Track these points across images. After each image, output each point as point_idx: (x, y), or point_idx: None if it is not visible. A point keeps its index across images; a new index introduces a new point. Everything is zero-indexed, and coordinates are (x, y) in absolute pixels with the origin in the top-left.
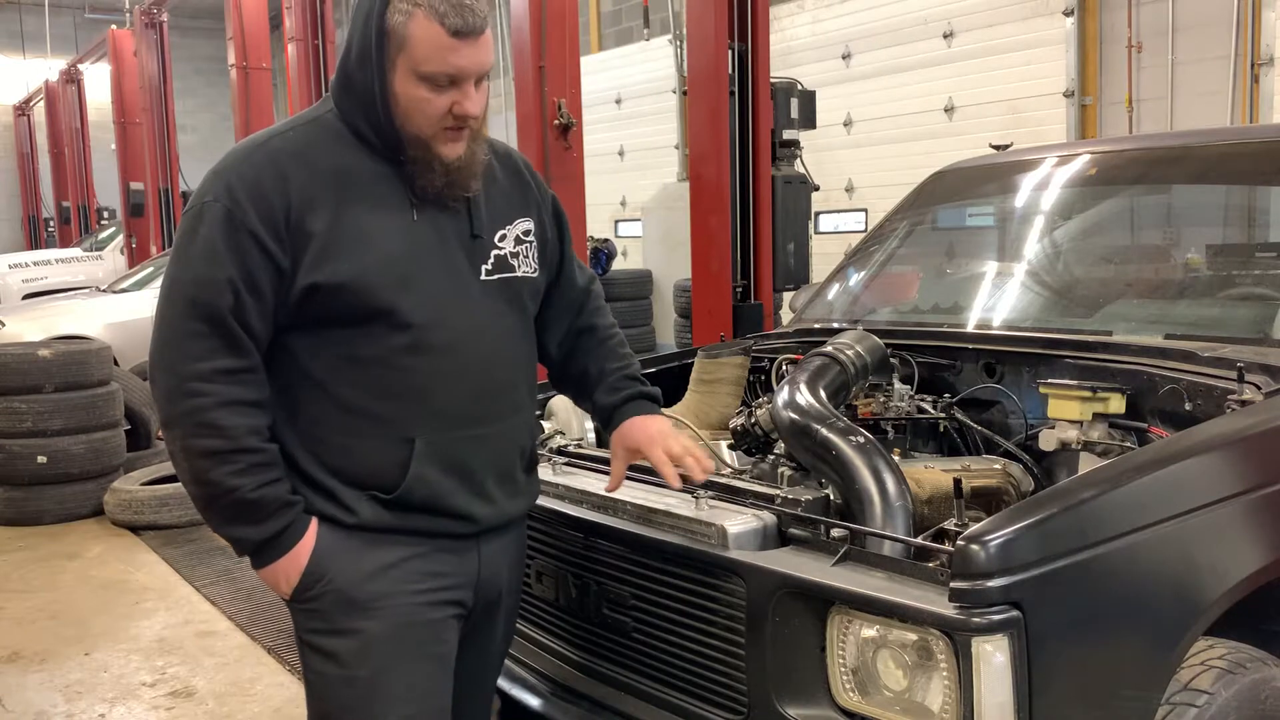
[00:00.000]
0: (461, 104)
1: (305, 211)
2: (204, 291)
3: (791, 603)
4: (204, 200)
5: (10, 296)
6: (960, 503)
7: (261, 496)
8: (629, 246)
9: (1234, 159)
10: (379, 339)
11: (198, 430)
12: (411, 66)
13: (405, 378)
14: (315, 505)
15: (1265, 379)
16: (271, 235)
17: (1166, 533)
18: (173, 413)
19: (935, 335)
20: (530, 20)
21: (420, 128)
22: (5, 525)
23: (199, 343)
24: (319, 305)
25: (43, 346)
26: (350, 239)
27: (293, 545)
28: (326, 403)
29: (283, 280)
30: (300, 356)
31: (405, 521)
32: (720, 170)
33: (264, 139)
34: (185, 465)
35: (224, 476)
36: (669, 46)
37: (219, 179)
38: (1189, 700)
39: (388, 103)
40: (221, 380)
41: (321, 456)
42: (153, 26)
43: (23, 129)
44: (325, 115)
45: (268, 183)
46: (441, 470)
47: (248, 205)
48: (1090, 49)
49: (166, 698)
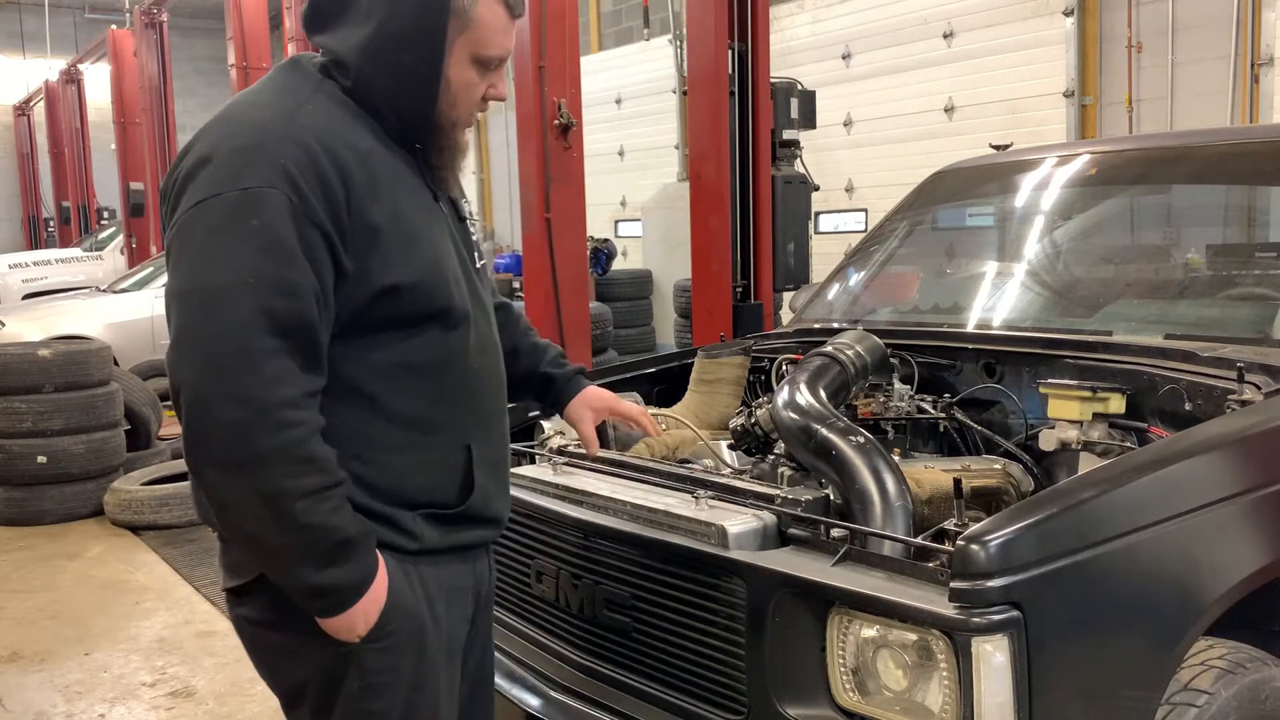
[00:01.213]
0: (497, 86)
1: (366, 203)
2: (281, 298)
3: (791, 603)
4: (246, 186)
5: (10, 296)
6: (960, 503)
7: (359, 532)
8: (629, 246)
9: (1234, 159)
10: (436, 341)
11: (297, 467)
12: (473, 50)
13: (460, 380)
14: (374, 532)
15: (1265, 379)
16: (336, 231)
17: (1166, 533)
18: (255, 452)
19: (935, 335)
20: (530, 20)
21: (462, 113)
22: (5, 525)
23: (281, 361)
24: (387, 308)
25: (43, 346)
26: (410, 232)
27: (375, 577)
28: (375, 417)
29: (343, 283)
30: (342, 368)
31: (460, 537)
32: (720, 170)
33: (287, 110)
34: (268, 514)
35: (327, 516)
36: (669, 46)
37: (258, 160)
38: (1189, 700)
39: (437, 88)
40: (308, 405)
41: (368, 478)
42: (153, 26)
43: (23, 129)
44: (325, 84)
45: (325, 168)
46: (488, 474)
47: (312, 195)
48: (1090, 49)
49: (166, 698)
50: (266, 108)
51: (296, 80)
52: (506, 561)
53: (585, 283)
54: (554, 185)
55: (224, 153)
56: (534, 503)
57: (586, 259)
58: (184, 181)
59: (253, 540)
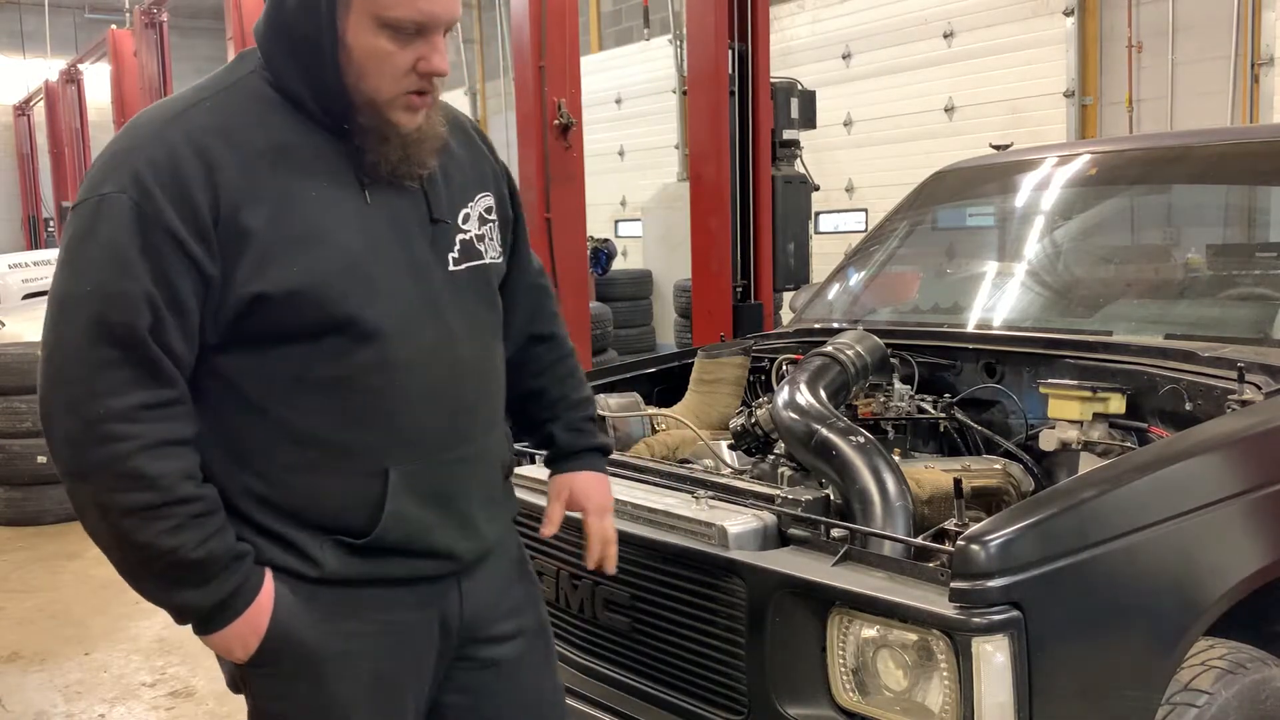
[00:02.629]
0: (429, 59)
1: (239, 205)
2: (113, 309)
3: (791, 603)
4: (101, 192)
5: (10, 296)
6: (960, 503)
7: (209, 554)
8: (629, 246)
9: (1234, 159)
10: (337, 356)
11: (119, 483)
12: (373, 11)
13: (372, 400)
14: (268, 556)
15: (1265, 379)
16: (195, 236)
17: (1166, 533)
18: (82, 464)
19: (935, 335)
20: (530, 20)
21: (378, 89)
22: (5, 525)
23: (110, 374)
24: (264, 319)
25: None
26: (299, 235)
27: (248, 604)
28: (274, 433)
29: (210, 291)
30: (237, 381)
31: (378, 569)
32: (720, 170)
33: (175, 111)
34: (104, 527)
35: (158, 536)
36: (669, 46)
37: (120, 164)
38: (1189, 700)
39: (337, 58)
40: (144, 419)
41: (271, 498)
42: (153, 26)
43: (23, 129)
44: (248, 77)
45: (188, 169)
46: (420, 504)
47: (162, 198)
48: (1090, 49)
49: (166, 698)
50: (161, 107)
51: (224, 73)
52: None
53: (585, 283)
54: (554, 185)
55: (103, 156)
56: (534, 503)
57: (586, 259)
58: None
59: (103, 549)
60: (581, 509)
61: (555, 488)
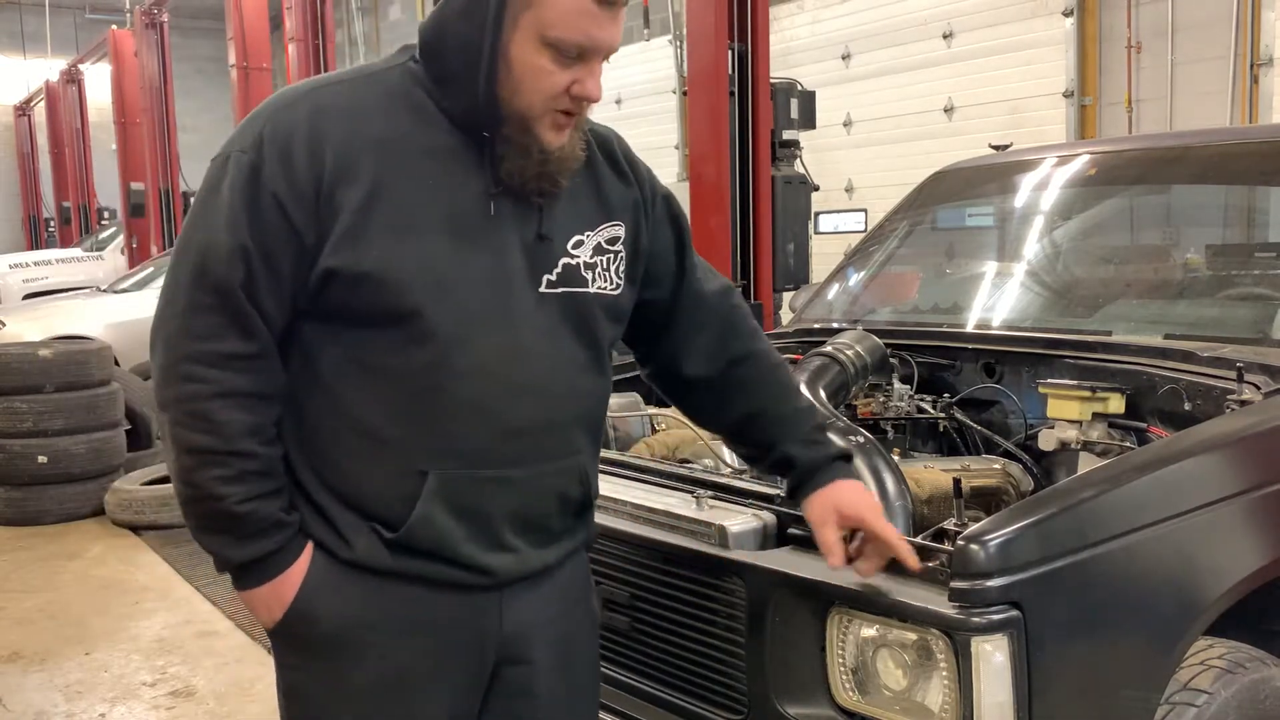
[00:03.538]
0: (584, 83)
1: (337, 181)
2: (213, 258)
3: (791, 602)
4: (232, 150)
5: (10, 296)
6: (960, 503)
7: (251, 511)
8: None
9: (1234, 159)
10: (395, 349)
11: (189, 420)
12: (539, 29)
13: (422, 400)
14: (311, 529)
15: (1265, 379)
16: (296, 202)
17: (1166, 532)
18: (165, 395)
19: (935, 335)
20: None
21: (530, 104)
22: (5, 525)
23: (203, 318)
24: (333, 296)
25: (43, 346)
26: (386, 224)
27: (279, 573)
28: (333, 413)
29: (303, 258)
30: (313, 354)
31: (407, 565)
32: (720, 170)
33: (312, 87)
34: (170, 456)
35: (209, 480)
36: (669, 46)
37: (252, 126)
38: (1189, 700)
39: (495, 68)
40: (224, 366)
41: (323, 473)
42: (153, 26)
43: (23, 129)
44: (394, 69)
45: (298, 140)
46: (451, 513)
47: (275, 162)
48: (1090, 49)
49: (167, 698)
50: (310, 81)
51: (377, 63)
52: None
53: None
54: None
55: (248, 117)
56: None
57: None
58: None
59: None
60: (860, 522)
61: (818, 511)
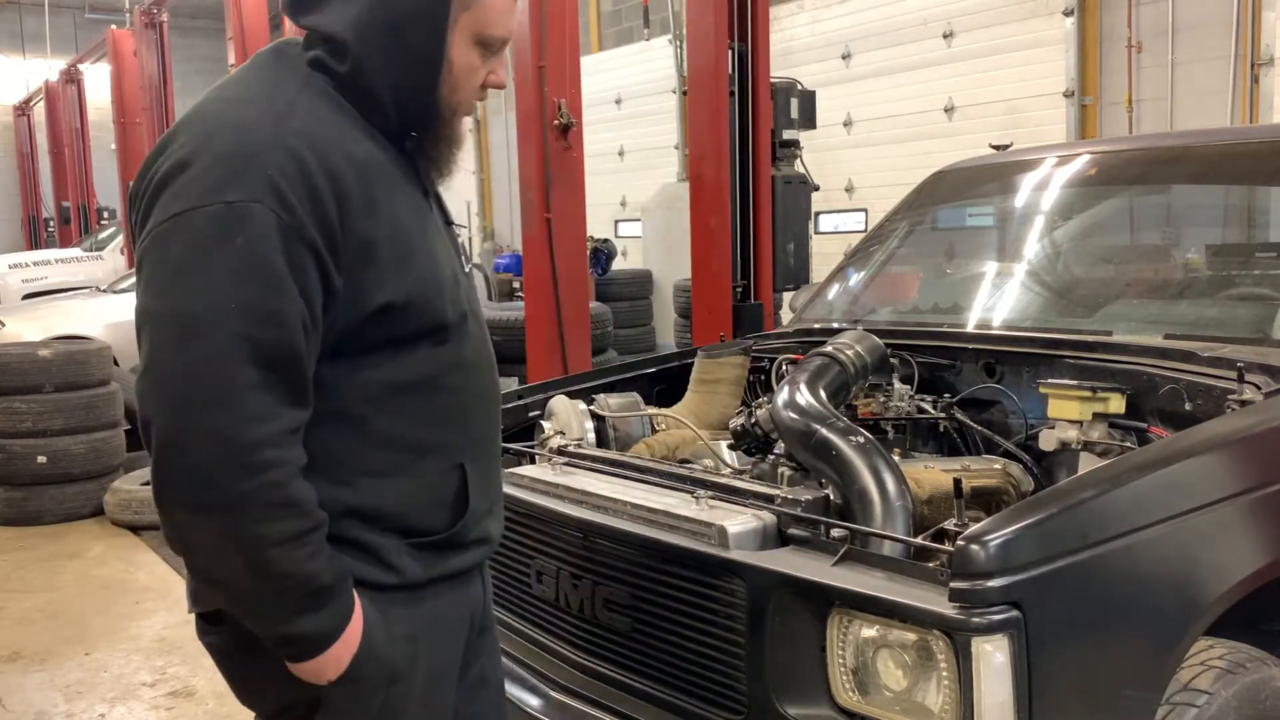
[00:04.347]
0: (497, 73)
1: (360, 215)
2: (265, 328)
3: (791, 603)
4: (226, 200)
5: (10, 296)
6: (960, 503)
7: (335, 577)
8: (629, 246)
9: (1234, 159)
10: (427, 358)
11: (275, 511)
12: (476, 29)
13: (453, 399)
14: (352, 570)
15: (1265, 379)
16: (328, 248)
17: (1166, 533)
18: (229, 495)
19: (935, 335)
20: (530, 20)
21: (463, 100)
22: (5, 525)
23: (261, 396)
24: (381, 328)
25: (43, 346)
26: (407, 244)
27: (350, 622)
28: (361, 441)
29: (332, 303)
30: (331, 388)
31: (447, 565)
32: (720, 170)
33: (273, 115)
34: (240, 560)
35: (301, 564)
36: (669, 46)
37: (243, 171)
38: (1189, 700)
39: (439, 70)
40: (290, 443)
41: (356, 507)
42: (153, 26)
43: (23, 129)
44: (314, 79)
45: (318, 180)
46: (481, 496)
47: (302, 210)
48: (1090, 49)
49: (166, 698)
50: (252, 107)
51: (282, 73)
52: (507, 561)
53: (585, 283)
54: (554, 185)
55: (206, 159)
56: (534, 502)
57: (586, 259)
58: (159, 188)
59: (221, 585)
60: None
61: None
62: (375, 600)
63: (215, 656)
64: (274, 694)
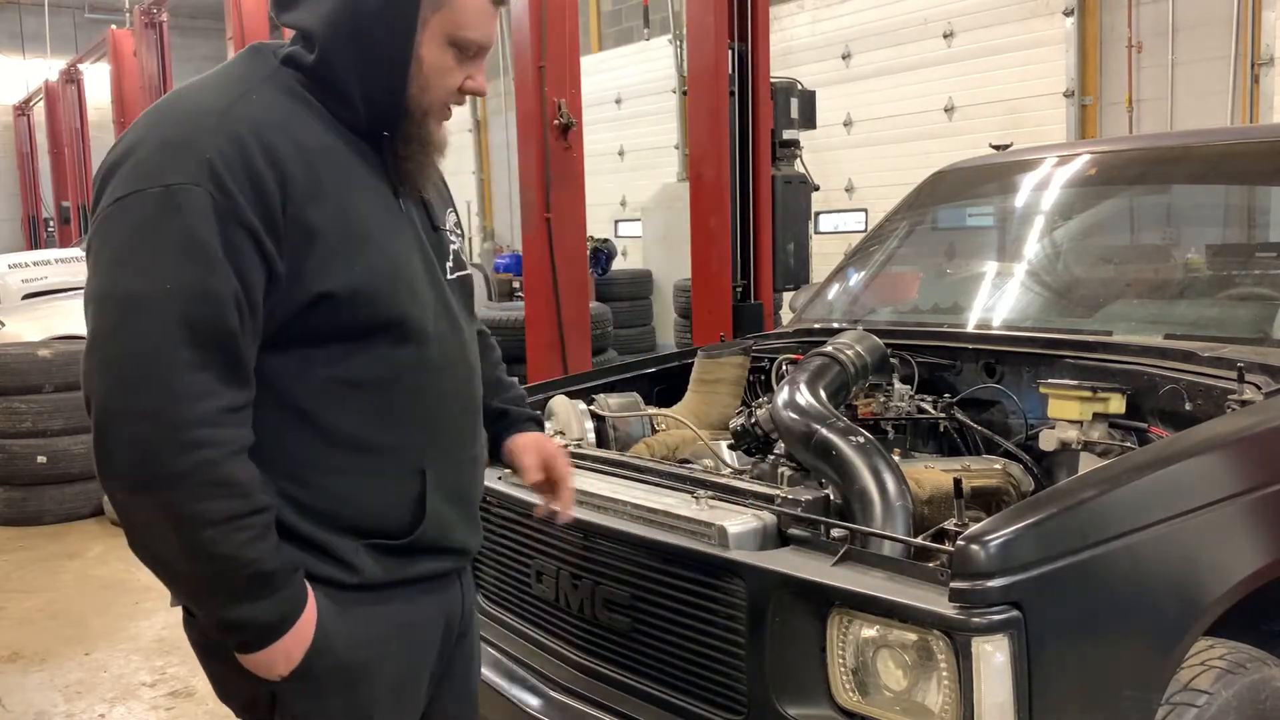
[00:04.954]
0: (476, 79)
1: (305, 201)
2: (201, 308)
3: (791, 603)
4: (165, 183)
5: (10, 296)
6: (960, 503)
7: (282, 564)
8: (629, 246)
9: (1234, 159)
10: (383, 356)
11: (208, 490)
12: (448, 30)
13: (413, 400)
14: (307, 565)
15: (1265, 379)
16: (268, 232)
17: (1166, 533)
18: (160, 473)
19: (935, 335)
20: (530, 20)
21: (433, 102)
22: (5, 525)
23: (195, 376)
24: (323, 318)
25: (43, 346)
26: (357, 234)
27: (300, 616)
28: (314, 437)
29: (274, 288)
30: (279, 384)
31: (409, 569)
32: (720, 170)
33: (227, 101)
34: (176, 540)
35: (240, 547)
36: (669, 46)
37: (182, 155)
38: (1189, 700)
39: (406, 68)
40: (229, 423)
41: (309, 504)
42: (153, 26)
43: (23, 129)
44: (281, 74)
45: (259, 164)
46: (447, 501)
47: (238, 193)
48: (1090, 49)
49: (166, 698)
50: (203, 96)
51: (249, 67)
52: (506, 561)
53: (585, 283)
54: (554, 185)
55: (150, 145)
56: (534, 502)
57: (586, 259)
58: (108, 174)
59: (161, 565)
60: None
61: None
62: (335, 599)
63: (195, 650)
64: (238, 689)
